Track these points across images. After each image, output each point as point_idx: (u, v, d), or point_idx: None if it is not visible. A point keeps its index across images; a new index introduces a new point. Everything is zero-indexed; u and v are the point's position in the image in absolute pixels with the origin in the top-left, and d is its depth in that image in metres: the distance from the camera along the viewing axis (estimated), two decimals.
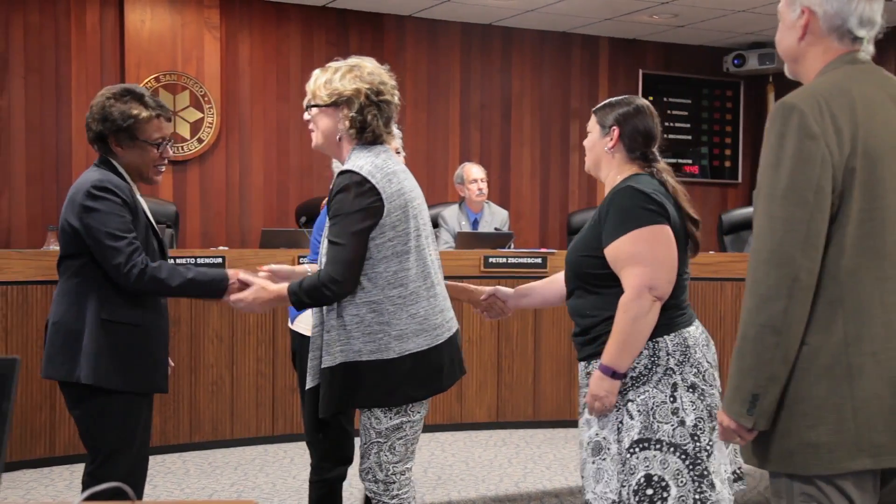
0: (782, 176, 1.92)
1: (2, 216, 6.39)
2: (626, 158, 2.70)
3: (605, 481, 2.54)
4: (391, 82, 2.80)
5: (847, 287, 1.92)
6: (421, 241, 2.67)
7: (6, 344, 4.45)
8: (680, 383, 2.54)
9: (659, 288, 2.52)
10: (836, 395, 1.92)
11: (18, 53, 6.43)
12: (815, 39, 2.03)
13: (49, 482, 4.30)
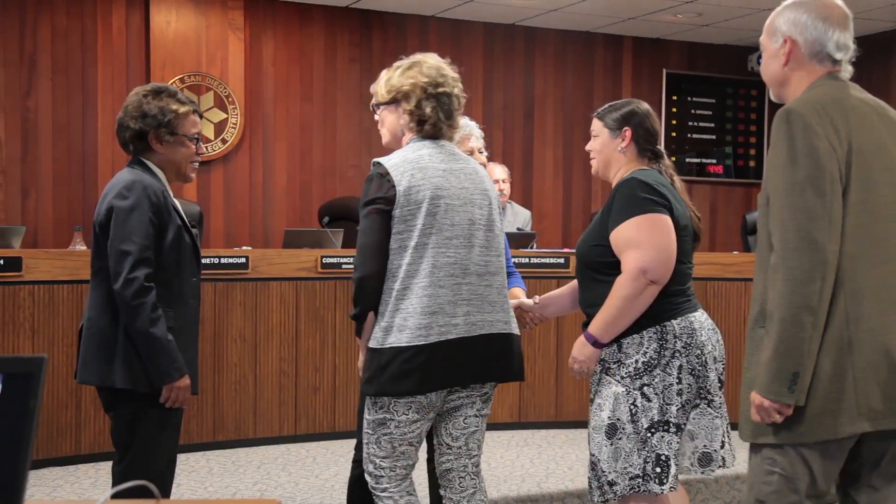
0: (800, 171, 2.14)
1: (29, 216, 6.45)
2: (636, 157, 2.86)
3: (623, 458, 2.69)
4: (452, 74, 2.80)
5: (847, 271, 2.16)
6: (431, 239, 2.63)
7: (33, 343, 4.49)
8: (685, 366, 2.69)
9: (653, 271, 2.64)
10: (839, 367, 2.16)
11: (45, 55, 6.50)
12: (797, 65, 2.31)
13: (75, 480, 4.34)
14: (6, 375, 1.37)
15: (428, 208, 2.63)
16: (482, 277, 2.71)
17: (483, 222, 2.73)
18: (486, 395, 2.81)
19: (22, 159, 6.45)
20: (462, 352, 2.66)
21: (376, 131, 3.26)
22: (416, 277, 2.62)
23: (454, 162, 2.74)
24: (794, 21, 2.31)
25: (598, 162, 2.91)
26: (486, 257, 2.73)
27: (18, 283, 4.47)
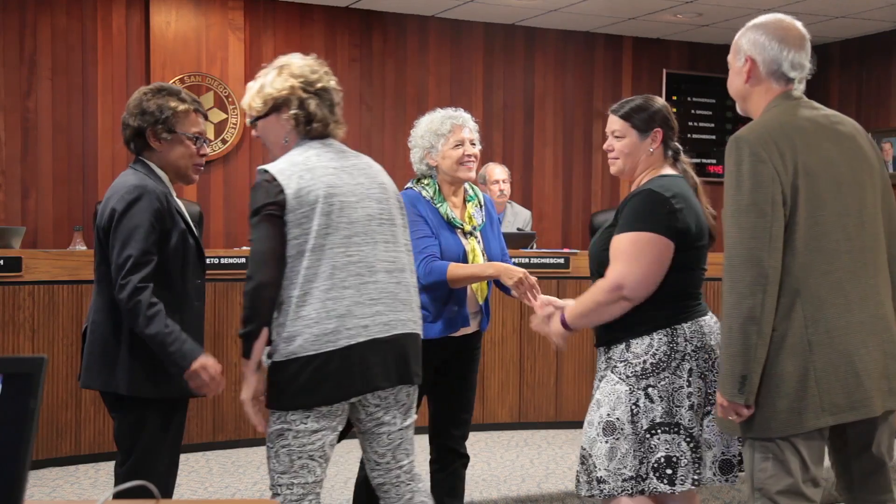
0: (744, 194, 2.40)
1: (29, 216, 6.46)
2: (662, 157, 2.84)
3: (618, 458, 2.65)
4: (323, 69, 2.70)
5: (801, 280, 2.40)
6: (329, 240, 2.52)
7: (33, 343, 4.50)
8: (695, 369, 2.67)
9: (630, 289, 2.63)
10: (801, 368, 2.40)
11: (45, 55, 6.50)
12: (757, 82, 2.56)
13: (75, 480, 4.35)
14: (6, 376, 1.37)
15: (322, 208, 2.51)
16: (391, 274, 2.61)
17: (384, 217, 2.64)
18: (405, 405, 2.67)
19: (22, 160, 6.45)
20: (376, 354, 2.54)
21: (377, 131, 3.29)
22: (317, 281, 2.49)
23: (344, 159, 2.65)
24: (754, 41, 2.59)
25: (623, 163, 2.82)
26: (392, 253, 2.63)
27: (18, 283, 4.48)
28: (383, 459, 2.67)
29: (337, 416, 2.56)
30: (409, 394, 2.69)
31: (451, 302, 3.25)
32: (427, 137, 3.35)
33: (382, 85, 7.42)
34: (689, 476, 2.66)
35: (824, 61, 8.18)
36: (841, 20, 7.41)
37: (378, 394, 2.60)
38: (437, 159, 3.34)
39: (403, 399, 2.67)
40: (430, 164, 3.35)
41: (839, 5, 6.99)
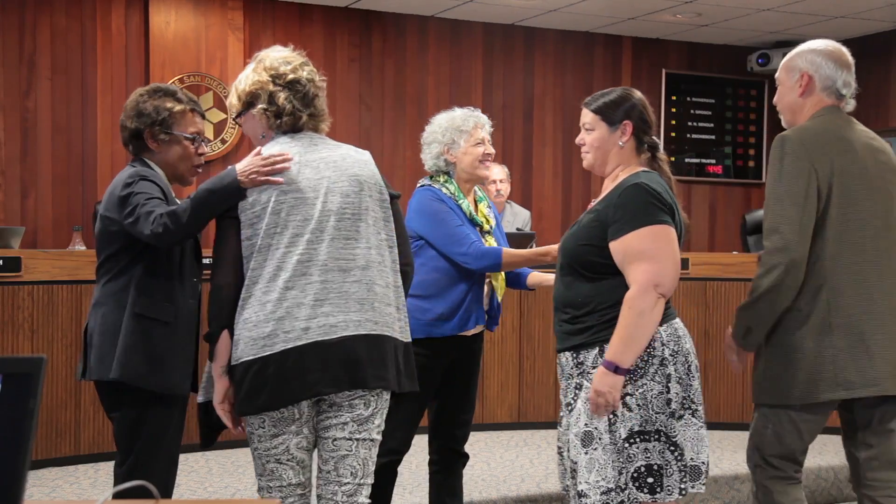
0: (783, 186, 2.72)
1: (28, 217, 6.45)
2: (635, 152, 2.74)
3: (597, 470, 2.55)
4: (299, 60, 2.63)
5: (829, 269, 2.74)
6: (276, 239, 2.44)
7: (32, 343, 4.50)
8: (673, 374, 2.58)
9: (664, 285, 2.56)
10: (820, 346, 2.75)
11: (45, 55, 6.49)
12: (810, 95, 2.86)
13: (74, 480, 4.34)
14: (5, 376, 1.37)
15: (273, 207, 2.44)
16: (348, 273, 2.46)
17: (347, 212, 2.49)
18: (361, 416, 2.49)
19: (21, 160, 6.45)
20: (317, 358, 2.41)
21: (376, 132, 3.30)
22: (259, 283, 2.42)
23: (314, 152, 2.54)
24: (812, 61, 2.86)
25: (593, 157, 2.79)
26: (353, 250, 2.48)
27: (18, 283, 4.48)
28: (325, 467, 2.52)
29: (294, 419, 2.46)
30: (369, 402, 2.49)
31: (469, 299, 3.24)
32: (449, 133, 3.33)
33: (382, 85, 7.42)
34: (676, 486, 2.56)
35: None
36: (840, 20, 7.41)
37: (332, 398, 2.47)
38: (457, 156, 3.32)
39: (360, 408, 2.48)
40: (449, 161, 3.33)
41: (839, 5, 6.99)
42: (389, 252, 2.57)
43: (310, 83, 2.60)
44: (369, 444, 2.52)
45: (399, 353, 2.54)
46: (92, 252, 4.94)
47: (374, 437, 2.53)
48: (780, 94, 2.93)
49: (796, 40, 7.97)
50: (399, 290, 2.58)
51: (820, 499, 4.66)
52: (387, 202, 2.60)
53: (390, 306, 2.53)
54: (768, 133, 8.56)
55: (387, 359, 2.50)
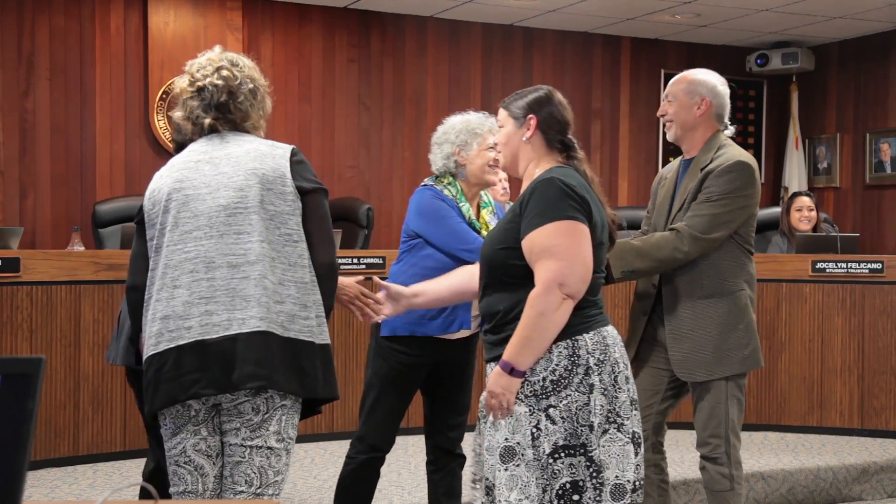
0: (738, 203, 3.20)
1: (27, 217, 6.45)
2: (546, 149, 2.60)
3: (520, 488, 2.41)
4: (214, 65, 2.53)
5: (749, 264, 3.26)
6: (168, 237, 2.41)
7: (31, 343, 4.49)
8: (597, 384, 2.42)
9: (570, 285, 2.40)
10: (752, 320, 3.22)
11: (44, 56, 6.49)
12: (707, 119, 3.27)
13: (73, 481, 4.34)
14: (4, 376, 1.37)
15: (165, 205, 2.42)
16: (237, 269, 2.36)
17: (239, 206, 2.39)
18: (251, 421, 2.36)
19: (20, 160, 6.44)
20: (196, 358, 2.32)
21: (375, 132, 3.30)
22: (154, 282, 2.41)
23: (221, 149, 2.47)
24: (712, 89, 3.27)
25: (504, 155, 2.65)
26: (242, 245, 2.37)
27: (16, 283, 4.47)
28: (224, 473, 2.42)
29: (190, 418, 2.38)
30: (258, 408, 2.35)
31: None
32: (462, 135, 3.30)
33: (381, 85, 7.42)
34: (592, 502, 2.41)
35: (823, 61, 8.20)
36: (839, 20, 7.41)
37: (222, 401, 2.37)
38: (468, 158, 3.30)
39: (248, 412, 2.35)
40: (460, 163, 3.31)
41: (838, 5, 7.00)
42: (293, 247, 2.41)
43: (219, 89, 2.50)
44: (266, 452, 2.37)
45: (302, 354, 2.37)
46: (90, 252, 4.95)
47: (272, 444, 2.37)
48: (676, 109, 3.28)
49: (796, 41, 8.03)
50: (305, 288, 2.40)
51: (819, 499, 4.66)
52: (292, 196, 2.44)
53: (284, 304, 2.37)
54: (767, 133, 8.56)
55: (274, 359, 2.34)
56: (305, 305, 2.40)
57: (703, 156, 3.25)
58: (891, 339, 5.36)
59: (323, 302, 2.44)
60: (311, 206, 2.47)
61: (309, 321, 2.40)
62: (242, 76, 2.55)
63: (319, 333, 2.42)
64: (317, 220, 2.47)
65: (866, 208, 7.96)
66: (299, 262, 2.42)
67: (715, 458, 3.22)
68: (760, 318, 5.50)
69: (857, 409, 5.39)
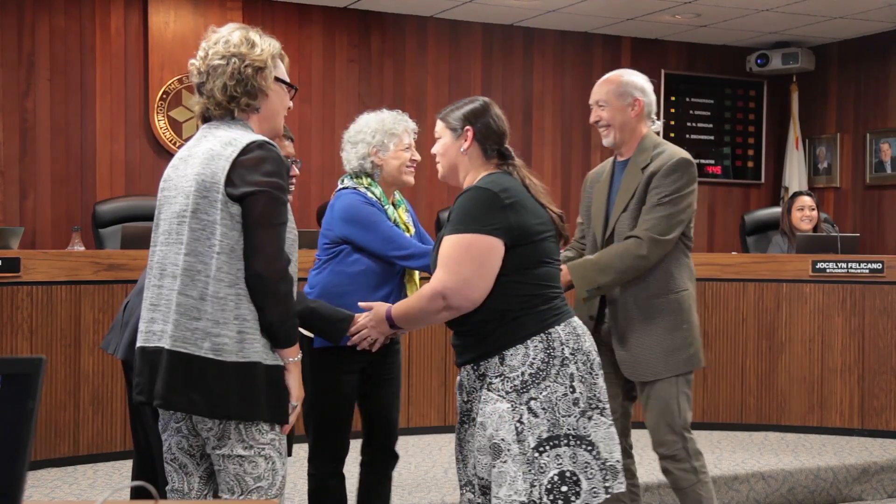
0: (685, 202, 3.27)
1: (27, 217, 6.45)
2: (483, 159, 2.64)
3: (508, 484, 2.43)
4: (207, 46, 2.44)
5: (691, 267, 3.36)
6: (151, 238, 2.40)
7: (31, 343, 4.49)
8: (576, 372, 2.49)
9: (452, 298, 2.47)
10: (695, 320, 3.31)
11: (44, 56, 6.49)
12: (641, 119, 3.29)
13: (73, 481, 4.34)
14: (4, 376, 1.37)
15: (157, 202, 2.44)
16: (175, 280, 2.30)
17: (184, 214, 2.31)
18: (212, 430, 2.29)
19: (20, 160, 6.45)
20: (140, 363, 2.35)
21: None
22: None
23: (196, 145, 2.39)
24: (642, 90, 3.27)
25: (442, 166, 2.69)
26: (175, 255, 2.31)
27: (17, 283, 4.47)
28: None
29: (171, 416, 2.38)
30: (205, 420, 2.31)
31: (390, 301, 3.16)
32: (379, 135, 3.24)
33: (381, 85, 7.42)
34: (601, 486, 2.46)
35: (823, 61, 8.20)
36: (840, 20, 7.41)
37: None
38: (384, 159, 3.25)
39: (202, 422, 2.32)
40: (376, 164, 3.26)
41: (838, 5, 7.00)
42: (214, 259, 2.27)
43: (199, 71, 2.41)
44: (237, 460, 2.30)
45: (210, 374, 2.25)
46: (90, 252, 4.95)
47: (240, 452, 2.30)
48: (611, 113, 3.25)
49: (795, 41, 8.03)
50: (220, 303, 2.26)
51: (819, 499, 4.66)
52: (222, 204, 2.28)
53: (200, 320, 2.26)
54: (767, 133, 8.56)
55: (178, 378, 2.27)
56: (218, 322, 2.25)
57: (639, 156, 3.25)
58: (891, 339, 5.36)
59: (259, 316, 2.28)
60: (244, 213, 2.28)
61: (222, 338, 2.25)
62: (213, 52, 2.40)
63: (239, 350, 2.26)
64: (246, 227, 2.29)
65: (866, 208, 7.96)
66: (217, 275, 2.26)
67: (674, 456, 3.26)
68: (761, 318, 5.51)
69: (858, 409, 5.39)
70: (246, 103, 2.39)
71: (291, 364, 2.35)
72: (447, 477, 4.43)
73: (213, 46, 2.42)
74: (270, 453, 2.33)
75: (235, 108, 2.39)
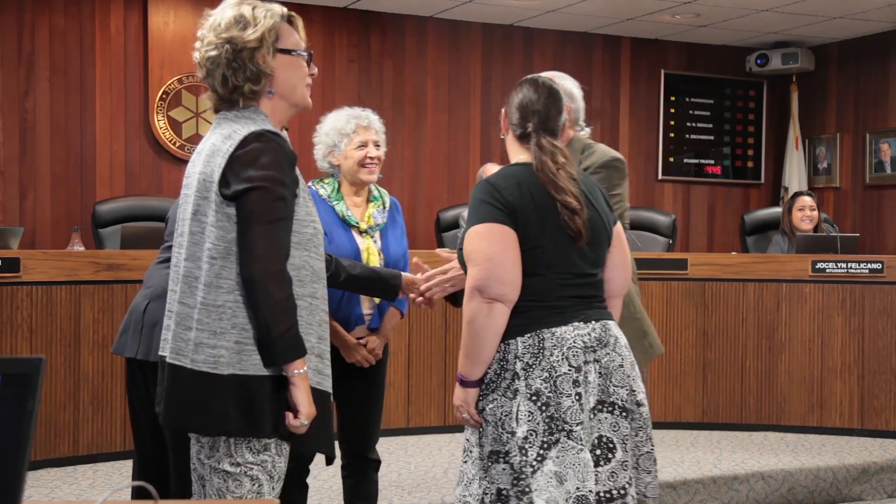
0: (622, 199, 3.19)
1: (27, 217, 6.45)
2: (517, 142, 2.53)
3: (464, 484, 2.44)
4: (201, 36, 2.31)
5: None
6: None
7: (31, 343, 4.49)
8: (522, 390, 2.35)
9: (489, 289, 2.35)
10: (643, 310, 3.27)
11: (44, 56, 6.49)
12: (570, 125, 3.08)
13: (73, 481, 4.34)
14: (4, 376, 1.37)
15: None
16: (178, 286, 2.19)
17: (188, 217, 2.18)
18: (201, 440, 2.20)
19: (20, 160, 6.45)
20: (158, 373, 2.26)
21: None
22: None
23: (204, 141, 2.26)
24: (570, 94, 3.10)
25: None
26: (186, 262, 2.17)
27: (16, 283, 4.47)
28: None
29: None
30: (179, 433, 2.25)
31: (343, 300, 3.16)
32: (331, 135, 3.31)
33: (381, 85, 7.42)
34: None
35: (823, 61, 8.20)
36: (839, 20, 7.41)
37: None
38: (339, 158, 3.30)
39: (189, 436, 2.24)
40: (333, 163, 3.31)
41: (838, 5, 7.00)
42: (210, 265, 2.13)
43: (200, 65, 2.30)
44: (222, 475, 2.17)
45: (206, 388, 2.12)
46: (90, 252, 4.95)
47: (226, 468, 2.16)
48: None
49: (796, 41, 8.03)
50: (216, 312, 2.11)
51: (819, 499, 4.66)
52: (216, 204, 2.13)
53: (192, 331, 2.13)
54: (767, 133, 8.56)
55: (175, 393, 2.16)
56: (215, 332, 2.10)
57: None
58: (891, 339, 5.36)
59: (253, 323, 2.11)
60: (237, 213, 2.12)
61: (218, 350, 2.10)
62: (207, 43, 2.27)
63: (237, 362, 2.10)
64: (239, 226, 2.12)
65: (866, 208, 7.96)
66: (215, 281, 2.11)
67: None
68: (761, 318, 5.51)
69: (857, 409, 5.39)
70: (250, 90, 2.21)
71: (296, 377, 2.12)
72: (447, 477, 4.43)
73: (207, 35, 2.26)
74: (258, 474, 2.16)
75: (240, 98, 2.22)
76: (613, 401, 2.42)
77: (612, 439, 2.40)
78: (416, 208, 7.40)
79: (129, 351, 2.87)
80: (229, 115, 2.23)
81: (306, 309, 2.18)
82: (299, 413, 2.14)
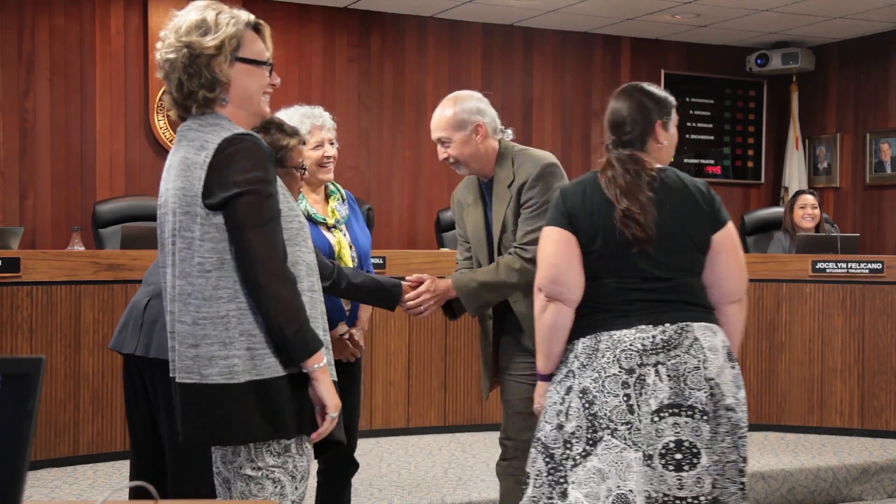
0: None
1: (27, 217, 6.45)
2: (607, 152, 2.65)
3: (530, 461, 2.61)
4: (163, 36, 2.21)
5: None
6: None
7: (31, 343, 4.49)
8: (575, 387, 2.47)
9: (546, 288, 2.54)
10: None
11: (44, 56, 6.49)
12: (487, 139, 3.11)
13: (73, 481, 4.34)
14: (4, 376, 1.37)
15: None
16: (174, 304, 2.16)
17: (175, 232, 2.15)
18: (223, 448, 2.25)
19: (20, 160, 6.45)
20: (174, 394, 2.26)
21: (375, 132, 3.29)
22: None
23: (176, 153, 2.18)
24: (477, 110, 3.11)
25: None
26: (178, 280, 2.14)
27: (16, 283, 4.47)
28: None
29: None
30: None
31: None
32: None
33: (381, 85, 7.42)
34: (543, 499, 2.47)
35: (823, 62, 8.20)
36: (839, 20, 7.41)
37: None
38: None
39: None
40: None
41: (838, 5, 7.00)
42: (206, 279, 2.11)
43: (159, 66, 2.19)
44: (245, 479, 2.18)
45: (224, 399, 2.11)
46: (90, 252, 4.95)
47: (248, 472, 2.17)
48: (457, 149, 3.06)
49: (796, 41, 8.03)
50: (224, 322, 2.10)
51: (819, 499, 4.66)
52: (202, 216, 2.10)
53: (199, 347, 2.11)
54: (767, 133, 8.56)
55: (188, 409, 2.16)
56: (224, 343, 2.10)
57: (502, 173, 3.12)
58: (891, 339, 5.36)
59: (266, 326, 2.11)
60: (226, 220, 2.10)
61: (231, 360, 2.10)
62: (167, 44, 2.17)
63: (252, 368, 2.10)
64: (232, 233, 2.10)
65: (866, 208, 7.96)
66: (215, 294, 2.10)
67: None
68: (761, 318, 5.51)
69: (857, 409, 5.39)
70: (203, 97, 2.15)
71: (317, 371, 2.13)
72: (447, 477, 4.43)
73: (168, 36, 2.17)
74: (280, 476, 2.17)
75: (194, 104, 2.16)
76: (691, 404, 2.41)
77: (696, 444, 2.39)
78: (416, 208, 7.41)
79: (127, 347, 2.87)
80: (193, 125, 2.17)
81: (308, 303, 2.18)
82: (327, 407, 2.16)
